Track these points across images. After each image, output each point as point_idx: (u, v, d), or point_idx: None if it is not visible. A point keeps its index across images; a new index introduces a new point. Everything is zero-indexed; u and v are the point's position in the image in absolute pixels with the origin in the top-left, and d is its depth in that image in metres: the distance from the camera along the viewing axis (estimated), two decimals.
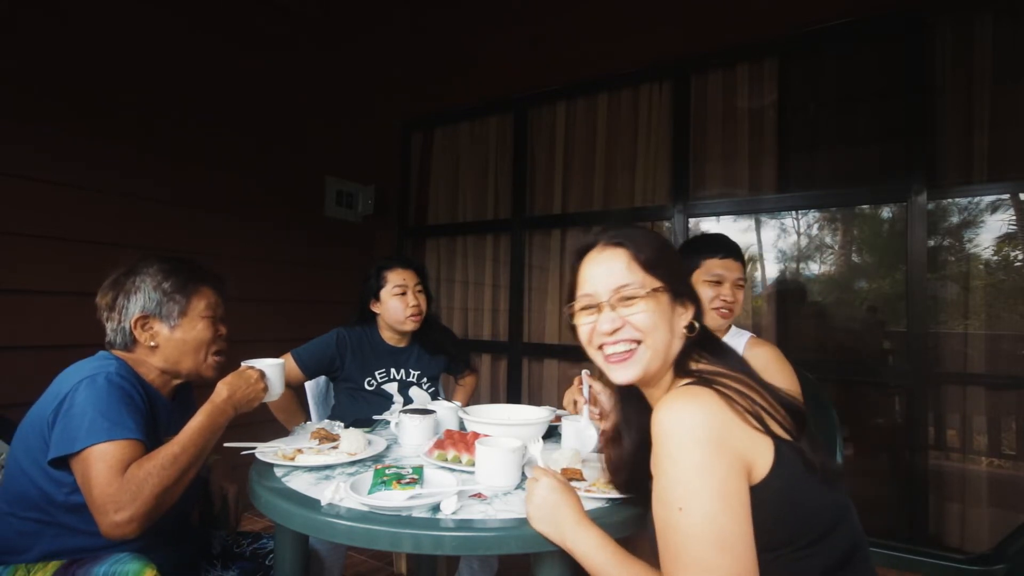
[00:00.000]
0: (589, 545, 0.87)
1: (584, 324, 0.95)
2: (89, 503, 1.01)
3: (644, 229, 1.00)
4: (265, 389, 1.30)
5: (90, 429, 1.03)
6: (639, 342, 0.90)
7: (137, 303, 1.23)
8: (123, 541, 1.03)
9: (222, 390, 1.21)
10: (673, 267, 0.95)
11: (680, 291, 0.93)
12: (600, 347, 0.93)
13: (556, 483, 0.94)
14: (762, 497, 0.76)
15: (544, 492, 0.93)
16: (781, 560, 0.78)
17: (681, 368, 0.91)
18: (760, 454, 0.77)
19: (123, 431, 1.05)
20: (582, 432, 1.32)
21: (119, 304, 1.24)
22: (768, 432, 0.78)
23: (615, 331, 0.91)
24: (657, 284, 0.91)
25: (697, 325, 0.93)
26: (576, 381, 1.37)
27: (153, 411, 1.20)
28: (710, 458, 0.75)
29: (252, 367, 1.31)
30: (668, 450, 0.78)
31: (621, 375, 0.91)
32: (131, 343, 1.24)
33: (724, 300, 1.58)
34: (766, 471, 0.77)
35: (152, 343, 1.23)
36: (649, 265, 0.92)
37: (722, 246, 1.64)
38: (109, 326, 1.25)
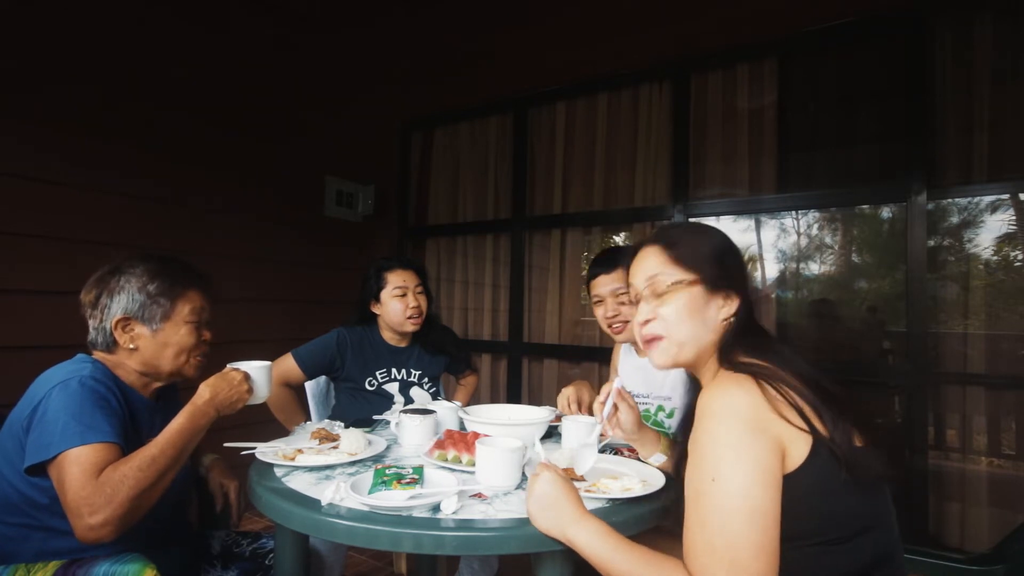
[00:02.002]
0: (591, 536, 0.87)
1: (633, 317, 1.03)
2: (64, 507, 1.00)
3: (693, 226, 1.06)
4: (250, 391, 1.27)
5: (63, 434, 1.02)
6: (663, 336, 0.96)
7: (120, 304, 1.21)
8: (99, 544, 1.01)
9: (204, 392, 1.18)
10: (711, 259, 0.96)
11: (718, 284, 0.95)
12: (641, 337, 1.00)
13: (556, 478, 0.94)
14: (788, 488, 0.77)
15: (544, 487, 0.93)
16: (796, 551, 0.78)
17: (727, 360, 0.92)
18: (795, 446, 0.79)
19: (97, 434, 1.04)
20: (581, 440, 1.19)
21: (102, 303, 1.22)
22: (809, 427, 0.79)
23: (647, 322, 0.97)
24: (688, 276, 0.95)
25: (734, 319, 0.94)
26: (604, 389, 1.22)
27: (133, 413, 1.19)
28: (748, 435, 0.77)
29: (236, 369, 1.28)
30: (707, 426, 0.80)
31: (654, 361, 0.99)
32: (111, 344, 1.21)
33: (607, 318, 1.69)
34: (797, 464, 0.78)
35: (132, 345, 1.21)
36: (681, 259, 0.96)
37: (597, 263, 1.74)
38: (91, 324, 1.23)
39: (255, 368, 1.30)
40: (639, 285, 1.00)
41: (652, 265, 0.98)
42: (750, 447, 0.76)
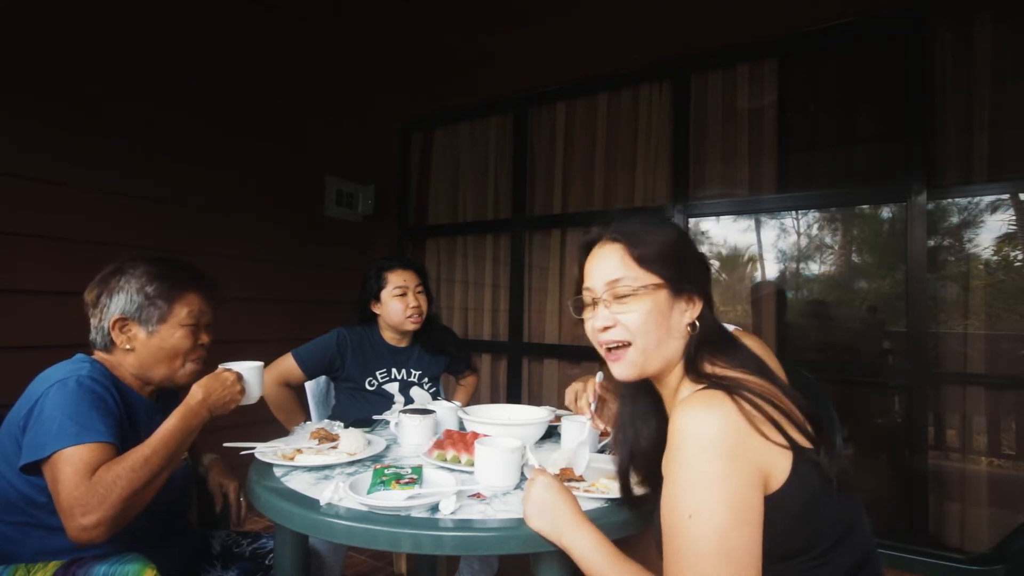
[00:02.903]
0: (586, 545, 0.86)
1: (587, 320, 0.95)
2: (57, 507, 1.00)
3: (650, 221, 0.96)
4: (242, 391, 1.27)
5: (58, 433, 1.02)
6: (628, 344, 0.89)
7: (118, 304, 1.21)
8: (92, 545, 1.01)
9: (197, 392, 1.18)
10: (675, 261, 0.90)
11: (682, 287, 0.89)
12: (601, 344, 0.93)
13: (552, 482, 0.94)
14: (776, 507, 0.75)
15: (541, 491, 0.93)
16: (791, 571, 0.77)
17: (693, 369, 0.87)
18: (777, 465, 0.75)
19: (92, 434, 1.04)
20: (578, 446, 1.21)
21: (102, 302, 1.22)
22: (788, 440, 0.76)
23: (606, 328, 0.90)
24: (653, 280, 0.88)
25: (698, 324, 0.89)
26: (588, 385, 1.27)
27: (131, 413, 1.19)
28: (726, 469, 0.73)
29: (229, 369, 1.27)
30: (683, 457, 0.76)
31: (618, 372, 0.92)
32: (109, 344, 1.22)
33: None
34: (782, 482, 0.75)
35: (128, 346, 1.22)
36: (645, 260, 0.89)
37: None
38: (92, 322, 1.24)
39: (247, 368, 1.30)
40: (597, 288, 0.92)
41: (613, 267, 0.90)
42: (728, 481, 0.72)
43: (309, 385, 2.01)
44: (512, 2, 3.36)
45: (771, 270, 2.85)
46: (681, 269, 0.90)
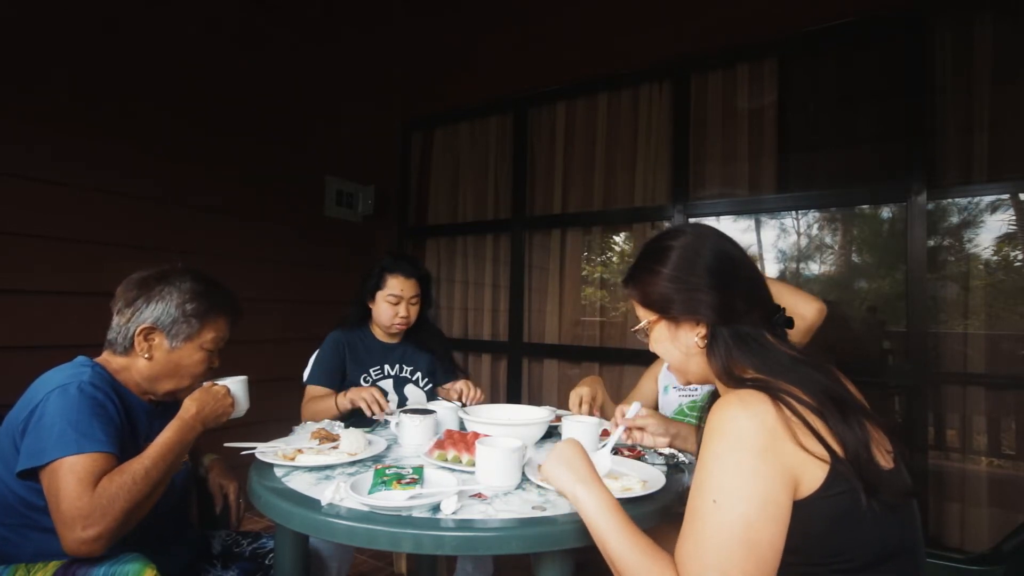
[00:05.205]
0: (597, 502, 0.87)
1: None
2: (55, 517, 0.98)
3: (647, 253, 1.02)
4: (232, 405, 1.29)
5: (58, 441, 1.01)
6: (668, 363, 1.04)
7: (153, 312, 1.21)
8: (88, 557, 1.00)
9: (190, 406, 1.19)
10: (664, 296, 0.97)
11: (677, 317, 0.96)
12: None
13: (579, 446, 0.99)
14: (800, 515, 0.75)
15: (565, 449, 0.98)
16: (810, 573, 0.76)
17: (730, 377, 0.89)
18: (808, 472, 0.76)
19: (93, 443, 1.03)
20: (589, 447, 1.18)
21: (136, 305, 1.22)
22: (828, 452, 0.76)
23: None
24: (651, 317, 1.01)
25: (710, 339, 0.92)
26: (618, 412, 1.32)
27: (131, 418, 1.19)
28: (755, 464, 0.74)
29: (217, 383, 1.29)
30: (715, 448, 0.78)
31: (679, 381, 1.07)
32: (128, 347, 1.22)
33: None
34: (811, 491, 0.75)
35: (147, 355, 1.22)
36: (644, 303, 1.02)
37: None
38: (116, 319, 1.23)
39: (234, 382, 1.32)
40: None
41: (636, 308, 1.05)
42: (757, 477, 0.74)
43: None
44: (512, 2, 3.36)
45: (771, 270, 2.85)
46: (671, 303, 0.96)
